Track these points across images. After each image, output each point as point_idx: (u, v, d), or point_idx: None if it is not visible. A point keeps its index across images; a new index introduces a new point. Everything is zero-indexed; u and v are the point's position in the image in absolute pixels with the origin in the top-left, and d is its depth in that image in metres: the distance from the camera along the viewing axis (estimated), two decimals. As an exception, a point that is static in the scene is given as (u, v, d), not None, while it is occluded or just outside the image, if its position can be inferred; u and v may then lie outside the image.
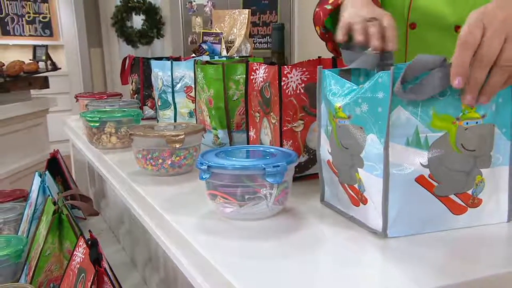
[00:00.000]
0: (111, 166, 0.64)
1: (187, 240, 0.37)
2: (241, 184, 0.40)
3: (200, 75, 0.71)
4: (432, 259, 0.33)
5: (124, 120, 0.72)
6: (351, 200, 0.40)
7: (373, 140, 0.36)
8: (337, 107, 0.38)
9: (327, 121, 0.41)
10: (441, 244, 0.35)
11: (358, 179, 0.38)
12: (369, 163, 0.36)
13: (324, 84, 0.41)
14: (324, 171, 0.44)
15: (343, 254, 0.34)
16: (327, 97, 0.40)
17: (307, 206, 0.45)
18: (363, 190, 0.38)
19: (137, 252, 0.75)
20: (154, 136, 0.56)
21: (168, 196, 0.50)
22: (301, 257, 0.34)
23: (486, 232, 0.37)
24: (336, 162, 0.41)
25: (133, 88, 1.12)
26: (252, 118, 0.60)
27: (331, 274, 0.31)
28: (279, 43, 0.56)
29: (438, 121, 0.35)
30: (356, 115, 0.37)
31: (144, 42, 3.56)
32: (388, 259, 0.33)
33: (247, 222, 0.41)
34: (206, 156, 0.43)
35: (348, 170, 0.39)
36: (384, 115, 0.34)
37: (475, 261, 0.32)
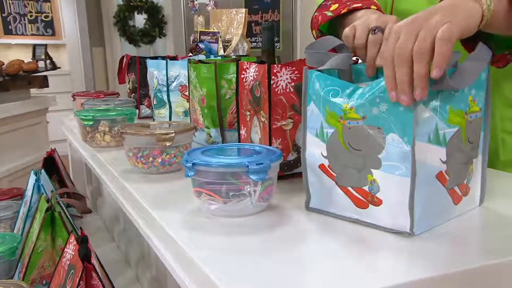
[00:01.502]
0: (103, 164, 0.66)
1: (171, 236, 0.38)
2: (226, 181, 0.41)
3: (193, 74, 0.73)
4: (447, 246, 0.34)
5: (118, 118, 0.74)
6: (354, 203, 0.39)
7: (394, 140, 0.36)
8: (347, 108, 0.37)
9: (320, 124, 0.40)
10: (449, 234, 0.37)
11: (370, 180, 0.38)
12: (390, 163, 0.36)
13: (317, 85, 0.40)
14: (311, 176, 0.42)
15: (326, 249, 0.35)
16: (327, 98, 0.39)
17: (293, 204, 0.46)
18: (375, 191, 0.38)
19: (131, 250, 0.76)
20: (145, 134, 0.57)
21: (157, 193, 0.51)
22: (283, 252, 0.35)
23: (475, 216, 0.40)
24: (337, 165, 0.40)
25: (130, 87, 1.13)
26: (243, 117, 0.61)
27: (313, 269, 0.32)
28: (269, 42, 0.57)
29: (453, 116, 0.37)
30: (372, 116, 0.37)
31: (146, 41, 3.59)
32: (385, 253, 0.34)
33: (231, 219, 0.42)
34: (192, 154, 0.44)
35: (356, 173, 0.38)
36: (408, 113, 0.35)
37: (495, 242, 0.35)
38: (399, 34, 0.35)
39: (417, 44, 0.34)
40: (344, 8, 0.55)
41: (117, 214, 0.84)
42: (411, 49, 0.34)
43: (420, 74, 0.34)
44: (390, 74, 0.35)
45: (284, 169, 0.54)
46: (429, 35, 0.34)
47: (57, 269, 0.52)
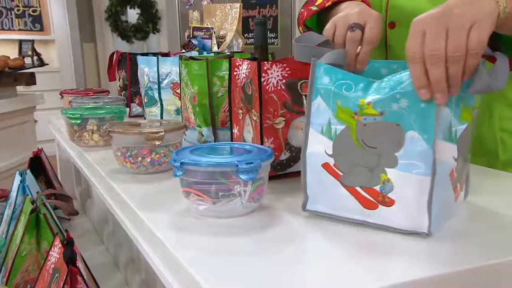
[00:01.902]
0: (91, 164, 0.66)
1: (158, 237, 0.39)
2: (215, 181, 0.41)
3: (184, 71, 0.73)
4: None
5: (107, 117, 0.74)
6: (362, 204, 0.39)
7: (413, 138, 0.36)
8: (364, 103, 0.37)
9: (328, 120, 0.39)
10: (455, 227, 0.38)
11: (383, 180, 0.37)
12: (408, 161, 0.36)
13: (327, 79, 0.39)
14: (311, 176, 0.41)
15: (318, 250, 0.36)
16: (340, 92, 0.38)
17: (285, 204, 0.46)
18: (388, 191, 0.37)
19: (120, 252, 0.77)
20: (133, 133, 0.58)
21: (145, 193, 0.51)
22: (273, 254, 0.35)
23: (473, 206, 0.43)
24: (345, 164, 0.39)
25: (121, 85, 1.14)
26: (235, 115, 0.61)
27: (304, 270, 0.32)
28: (262, 38, 0.57)
29: (465, 113, 0.38)
30: (391, 112, 0.36)
31: (140, 37, 3.59)
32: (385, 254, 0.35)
33: (221, 220, 0.42)
34: (180, 153, 0.44)
35: (367, 172, 0.38)
36: (429, 111, 0.35)
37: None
38: (424, 30, 0.35)
39: (453, 48, 0.34)
40: (328, 1, 0.56)
41: (106, 216, 0.84)
42: (444, 49, 0.35)
43: (456, 75, 0.35)
44: (420, 72, 0.35)
45: (276, 169, 0.55)
46: (464, 38, 0.34)
47: (42, 273, 0.52)
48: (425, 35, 0.35)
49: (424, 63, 0.35)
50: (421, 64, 0.35)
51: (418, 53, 0.35)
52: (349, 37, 0.43)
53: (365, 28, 0.43)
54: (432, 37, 0.35)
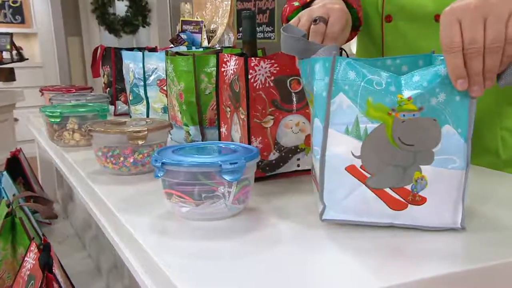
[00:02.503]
0: (71, 165, 0.66)
1: (137, 241, 0.39)
2: (197, 182, 0.42)
3: (170, 67, 0.73)
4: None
5: (89, 115, 0.74)
6: (389, 206, 0.39)
7: (449, 132, 0.37)
8: (404, 98, 0.37)
9: (356, 118, 0.38)
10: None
11: (416, 178, 0.38)
12: (444, 156, 0.37)
13: (352, 74, 0.38)
14: (330, 181, 0.39)
15: (303, 253, 0.36)
16: (371, 88, 0.37)
17: (273, 206, 0.47)
18: (420, 189, 0.38)
19: (102, 258, 0.77)
20: (115, 132, 0.58)
21: (127, 195, 0.52)
22: (256, 258, 0.36)
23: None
24: (376, 165, 0.38)
25: (105, 81, 1.14)
26: (223, 114, 0.62)
27: (291, 275, 0.33)
28: (250, 32, 0.57)
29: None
30: (430, 106, 0.37)
31: (128, 30, 3.58)
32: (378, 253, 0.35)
33: (204, 222, 0.43)
34: (162, 153, 0.45)
35: (401, 171, 0.38)
36: (464, 104, 0.37)
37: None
38: (459, 20, 0.36)
39: (493, 39, 0.35)
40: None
41: (89, 220, 0.84)
42: (483, 40, 0.35)
43: (493, 67, 0.36)
44: (458, 63, 0.36)
45: (265, 170, 0.56)
46: (502, 28, 0.35)
47: (16, 280, 0.52)
48: (460, 25, 0.36)
49: (461, 54, 0.36)
50: (459, 55, 0.36)
51: (456, 43, 0.36)
52: (312, 29, 0.45)
53: (327, 23, 0.45)
54: (470, 28, 0.35)
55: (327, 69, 0.39)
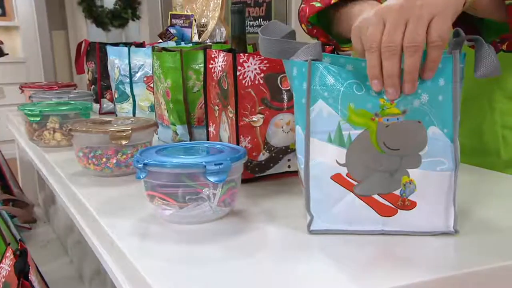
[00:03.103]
0: (51, 166, 0.67)
1: (117, 245, 0.40)
2: (181, 183, 0.43)
3: (156, 64, 0.74)
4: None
5: (70, 114, 0.75)
6: (378, 212, 0.39)
7: (434, 133, 0.38)
8: (385, 102, 0.37)
9: (337, 125, 0.38)
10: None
11: (404, 183, 0.39)
12: (432, 159, 0.38)
13: (330, 79, 0.38)
14: (316, 191, 0.40)
15: (289, 257, 0.37)
16: (352, 93, 0.37)
17: (261, 209, 0.47)
18: (408, 193, 0.39)
19: (85, 264, 0.77)
20: (97, 131, 0.59)
21: (109, 198, 0.52)
22: (241, 262, 0.36)
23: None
24: (362, 172, 0.39)
25: (90, 78, 1.14)
26: (211, 112, 0.62)
27: (270, 279, 0.34)
28: (239, 27, 0.58)
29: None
30: (414, 109, 0.37)
31: (117, 24, 3.57)
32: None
33: (188, 226, 0.43)
34: (145, 154, 0.45)
35: (388, 177, 0.39)
36: (448, 103, 0.37)
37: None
38: (384, 20, 0.37)
39: (410, 38, 0.36)
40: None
41: (71, 225, 0.84)
42: (401, 41, 0.36)
43: (412, 69, 0.36)
44: (376, 63, 0.37)
45: (254, 171, 0.56)
46: (422, 28, 0.36)
47: (-8, 287, 0.52)
48: (385, 24, 0.37)
49: (379, 54, 0.37)
50: (376, 54, 0.37)
51: (375, 43, 0.37)
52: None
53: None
54: (390, 29, 0.36)
55: (304, 74, 0.38)
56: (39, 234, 0.95)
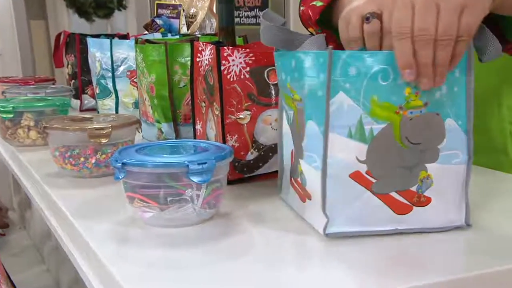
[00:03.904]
0: (25, 167, 0.67)
1: (93, 250, 0.40)
2: (162, 184, 0.43)
3: (139, 57, 0.74)
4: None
5: (47, 111, 0.75)
6: (394, 211, 0.40)
7: (451, 126, 0.39)
8: (411, 93, 0.37)
9: (359, 119, 0.38)
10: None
11: (421, 178, 0.39)
12: (448, 152, 0.39)
13: (353, 70, 0.38)
14: (334, 191, 0.39)
15: (273, 264, 0.38)
16: (376, 84, 0.38)
17: (247, 211, 0.48)
18: (424, 189, 0.40)
19: (62, 272, 0.78)
20: (74, 129, 0.59)
21: (86, 200, 0.53)
22: (224, 267, 0.37)
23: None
24: (381, 168, 0.39)
25: (69, 72, 1.14)
26: (198, 109, 0.63)
27: (255, 284, 0.34)
28: (227, 18, 0.58)
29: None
30: (434, 101, 0.38)
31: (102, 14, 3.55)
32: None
33: (170, 229, 0.44)
34: (124, 153, 0.46)
35: (407, 173, 0.39)
36: (462, 93, 0.39)
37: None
38: (413, 3, 0.37)
39: (444, 29, 0.36)
40: None
41: (48, 230, 0.84)
42: (434, 30, 0.36)
43: (444, 62, 0.37)
44: (408, 51, 0.37)
45: (242, 171, 0.57)
46: (455, 18, 0.36)
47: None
48: (413, 10, 0.37)
49: (411, 41, 0.37)
50: (408, 42, 0.37)
51: (406, 28, 0.37)
52: (367, 31, 0.40)
53: (383, 17, 0.41)
54: (422, 14, 0.36)
55: (322, 65, 0.38)
56: (13, 241, 0.95)
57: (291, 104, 0.44)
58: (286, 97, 0.46)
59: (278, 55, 0.45)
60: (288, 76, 0.43)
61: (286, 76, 0.44)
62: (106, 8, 3.49)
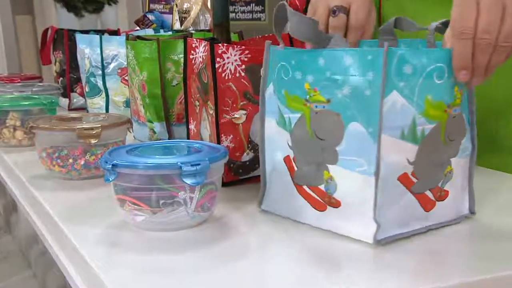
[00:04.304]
0: (11, 168, 0.66)
1: (82, 255, 0.40)
2: (154, 186, 0.43)
3: (130, 54, 0.74)
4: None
5: (34, 110, 0.75)
6: (424, 208, 0.42)
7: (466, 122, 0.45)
8: (458, 92, 0.40)
9: (412, 120, 0.38)
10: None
11: (446, 172, 0.42)
12: (462, 146, 0.43)
13: (408, 68, 0.38)
14: (385, 195, 0.39)
15: (269, 267, 0.38)
16: (431, 81, 0.38)
17: (243, 214, 0.48)
18: (446, 183, 0.42)
19: (49, 278, 0.77)
20: (62, 129, 0.59)
21: (75, 203, 0.53)
22: (218, 272, 0.37)
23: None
24: (426, 168, 0.40)
25: (57, 70, 1.14)
26: (192, 108, 0.63)
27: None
28: (222, 14, 0.58)
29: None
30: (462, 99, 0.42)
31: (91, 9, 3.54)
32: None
33: (162, 233, 0.44)
34: (114, 154, 0.46)
35: (439, 169, 0.42)
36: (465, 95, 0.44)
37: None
38: (477, 3, 0.36)
39: (506, 36, 0.36)
40: None
41: (35, 234, 0.84)
42: (497, 34, 0.37)
43: (496, 65, 0.38)
44: (467, 52, 0.37)
45: (238, 173, 0.57)
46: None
47: None
48: (478, 6, 0.36)
49: (472, 42, 0.37)
50: (470, 43, 0.37)
51: (469, 28, 0.36)
52: (332, 24, 0.42)
53: (350, 11, 0.43)
54: (488, 15, 0.36)
55: (370, 62, 0.38)
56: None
57: (299, 106, 0.42)
58: (290, 98, 0.43)
59: (290, 53, 0.43)
60: (309, 76, 0.41)
61: (304, 76, 0.41)
62: (95, 3, 3.48)
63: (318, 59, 0.41)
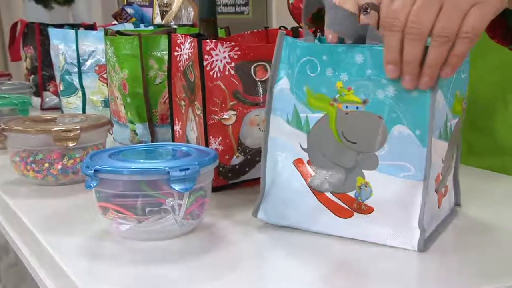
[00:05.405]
0: (-21, 174, 0.64)
1: (61, 268, 0.39)
2: (140, 193, 0.42)
3: (110, 50, 0.73)
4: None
5: (4, 110, 0.73)
6: (438, 205, 0.44)
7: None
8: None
9: (445, 118, 0.39)
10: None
11: None
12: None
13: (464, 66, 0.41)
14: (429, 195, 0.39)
15: (262, 278, 0.38)
16: (461, 77, 0.42)
17: (234, 221, 0.48)
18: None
19: (22, 292, 0.75)
20: (37, 131, 0.57)
21: (52, 211, 0.51)
22: (209, 284, 0.37)
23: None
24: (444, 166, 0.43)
25: (28, 67, 1.11)
26: (177, 108, 0.62)
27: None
28: (208, 8, 0.58)
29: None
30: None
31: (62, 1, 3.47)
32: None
33: (148, 243, 0.43)
34: (95, 158, 0.45)
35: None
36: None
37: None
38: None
39: (442, 25, 0.35)
40: None
41: (5, 244, 0.81)
42: (430, 26, 0.35)
43: (435, 62, 0.36)
44: (395, 45, 0.36)
45: (227, 177, 0.57)
46: (459, 15, 0.35)
47: None
48: (416, 1, 0.36)
49: (400, 35, 0.36)
50: (398, 35, 0.36)
51: (399, 21, 0.36)
52: (362, 22, 0.40)
53: (380, 9, 0.40)
54: (421, 7, 0.36)
55: None
56: (-35, 257, 0.91)
57: (323, 105, 0.41)
58: (312, 97, 0.41)
59: (321, 47, 0.41)
60: (344, 73, 0.40)
61: (336, 73, 0.40)
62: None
63: (356, 55, 0.39)
